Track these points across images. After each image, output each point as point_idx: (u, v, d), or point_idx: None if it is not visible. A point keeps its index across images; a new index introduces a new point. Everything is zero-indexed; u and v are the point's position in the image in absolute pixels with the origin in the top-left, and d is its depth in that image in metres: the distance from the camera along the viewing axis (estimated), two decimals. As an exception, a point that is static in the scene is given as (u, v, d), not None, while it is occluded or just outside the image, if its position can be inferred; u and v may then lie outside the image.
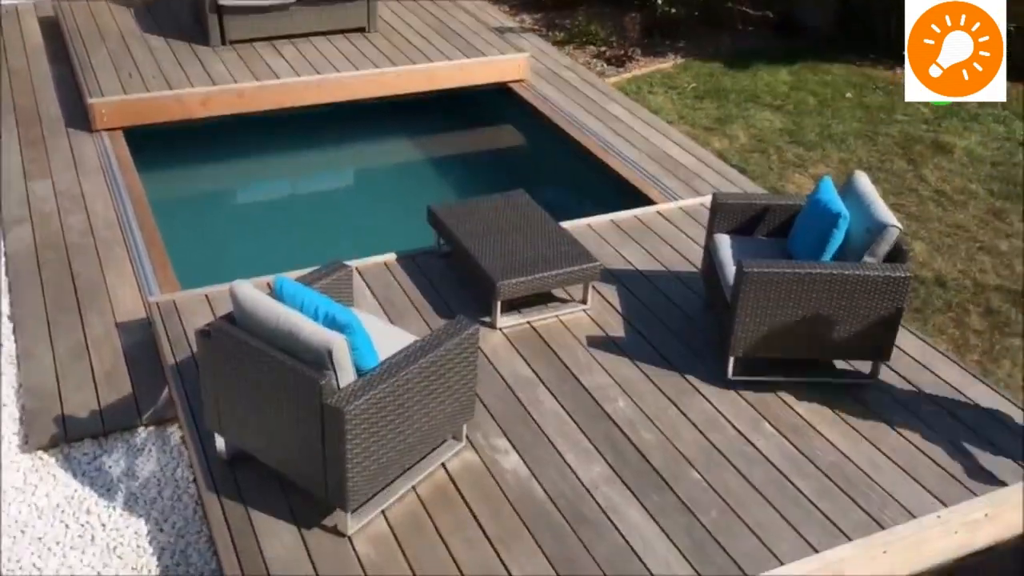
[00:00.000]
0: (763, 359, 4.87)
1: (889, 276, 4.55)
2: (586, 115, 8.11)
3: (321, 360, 3.57)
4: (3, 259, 5.89)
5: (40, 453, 4.51)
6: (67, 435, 4.58)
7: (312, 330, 3.58)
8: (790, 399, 4.76)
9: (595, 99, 8.45)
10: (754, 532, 3.98)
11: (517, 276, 5.15)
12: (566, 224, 6.05)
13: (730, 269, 4.91)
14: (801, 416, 4.65)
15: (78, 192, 6.59)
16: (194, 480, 4.34)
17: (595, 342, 5.16)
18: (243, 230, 7.22)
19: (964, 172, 7.62)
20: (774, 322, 4.68)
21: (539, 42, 9.67)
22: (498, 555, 3.85)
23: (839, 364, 4.99)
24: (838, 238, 4.70)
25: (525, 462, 4.32)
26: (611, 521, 4.02)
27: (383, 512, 4.01)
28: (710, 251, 5.25)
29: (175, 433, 4.63)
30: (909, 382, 4.91)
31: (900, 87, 9.16)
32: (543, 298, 5.47)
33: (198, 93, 7.67)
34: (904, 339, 5.21)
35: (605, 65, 9.63)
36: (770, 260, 4.72)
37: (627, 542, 3.92)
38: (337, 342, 3.55)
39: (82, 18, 8.93)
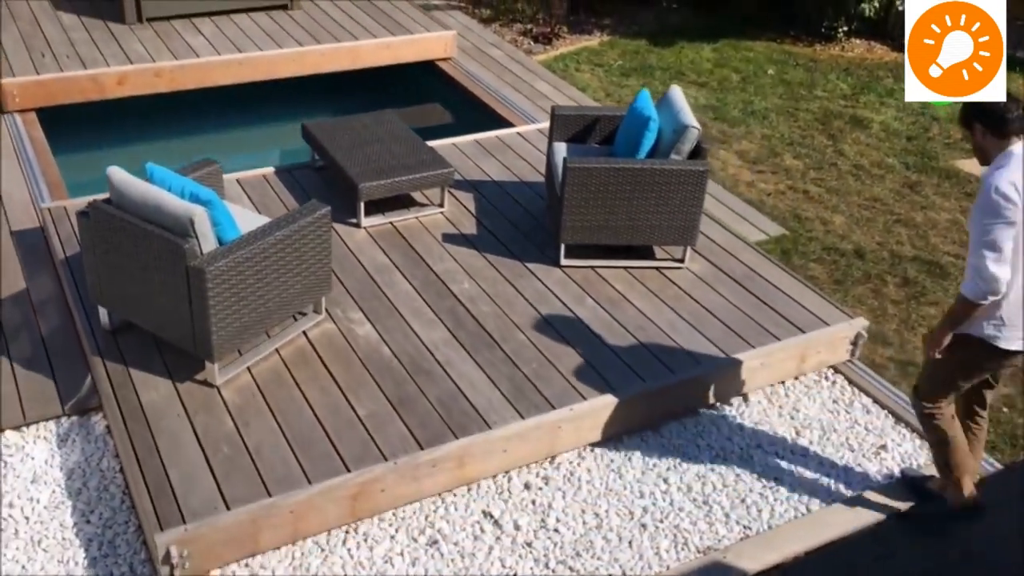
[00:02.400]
0: (592, 247, 5.63)
1: (690, 170, 5.33)
2: (513, 92, 8.17)
3: (184, 229, 4.18)
4: None
5: (-42, 448, 4.39)
6: (-14, 427, 4.44)
7: (176, 203, 4.18)
8: (611, 279, 5.53)
9: (522, 76, 8.53)
10: (565, 377, 4.74)
11: (377, 179, 5.79)
12: (433, 143, 6.70)
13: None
14: (619, 291, 5.43)
15: None
16: (118, 464, 4.35)
17: (448, 238, 5.86)
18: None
19: (881, 146, 7.89)
20: (597, 212, 5.42)
21: (465, 20, 9.71)
22: (346, 398, 4.53)
23: (658, 253, 5.78)
24: (650, 139, 5.46)
25: (376, 330, 5.01)
26: (446, 371, 4.74)
27: (248, 368, 4.66)
28: (549, 157, 5.96)
29: (99, 422, 4.57)
30: (714, 265, 5.73)
31: (820, 63, 9.50)
32: (405, 203, 6.14)
33: (114, 72, 7.52)
34: (714, 232, 6.03)
35: (532, 43, 9.55)
36: (592, 157, 5.46)
37: (457, 386, 4.65)
38: (198, 212, 4.16)
39: None
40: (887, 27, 10.03)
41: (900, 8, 9.50)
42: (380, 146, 6.17)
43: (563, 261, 5.61)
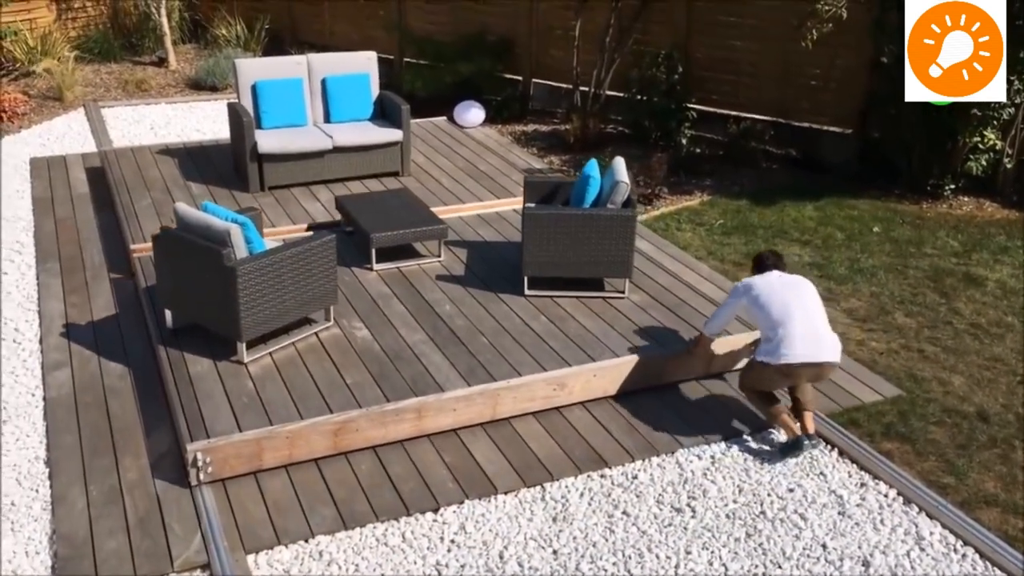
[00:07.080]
0: (552, 282, 7.06)
1: (620, 215, 6.78)
2: None
3: (223, 240, 5.81)
4: (42, 403, 6.04)
5: (69, 601, 4.55)
6: (98, 583, 4.60)
7: (219, 222, 5.84)
8: (564, 304, 6.93)
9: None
10: (510, 363, 6.10)
11: (386, 231, 7.41)
12: (442, 215, 8.33)
13: (528, 221, 7.16)
14: (568, 312, 6.82)
15: (118, 336, 6.77)
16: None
17: (441, 278, 7.38)
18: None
19: (998, 304, 7.55)
20: (550, 250, 6.88)
21: (567, 182, 9.95)
22: (340, 373, 5.98)
23: (606, 287, 7.16)
24: (591, 193, 6.96)
25: (371, 333, 6.50)
26: (419, 359, 6.16)
27: (270, 354, 6.18)
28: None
29: None
30: (652, 297, 7.08)
31: (927, 220, 9.16)
32: (411, 254, 7.72)
33: None
34: (657, 274, 7.41)
35: None
36: (544, 206, 6.98)
37: (426, 368, 6.05)
38: (234, 228, 5.80)
39: (128, 168, 9.44)
40: (996, 184, 9.75)
41: (1008, 165, 9.63)
42: (392, 211, 7.82)
43: (527, 291, 7.05)
